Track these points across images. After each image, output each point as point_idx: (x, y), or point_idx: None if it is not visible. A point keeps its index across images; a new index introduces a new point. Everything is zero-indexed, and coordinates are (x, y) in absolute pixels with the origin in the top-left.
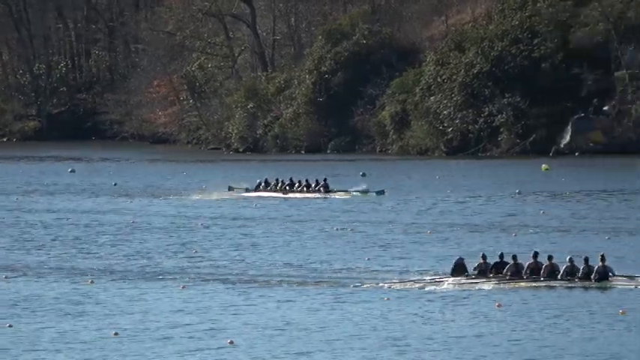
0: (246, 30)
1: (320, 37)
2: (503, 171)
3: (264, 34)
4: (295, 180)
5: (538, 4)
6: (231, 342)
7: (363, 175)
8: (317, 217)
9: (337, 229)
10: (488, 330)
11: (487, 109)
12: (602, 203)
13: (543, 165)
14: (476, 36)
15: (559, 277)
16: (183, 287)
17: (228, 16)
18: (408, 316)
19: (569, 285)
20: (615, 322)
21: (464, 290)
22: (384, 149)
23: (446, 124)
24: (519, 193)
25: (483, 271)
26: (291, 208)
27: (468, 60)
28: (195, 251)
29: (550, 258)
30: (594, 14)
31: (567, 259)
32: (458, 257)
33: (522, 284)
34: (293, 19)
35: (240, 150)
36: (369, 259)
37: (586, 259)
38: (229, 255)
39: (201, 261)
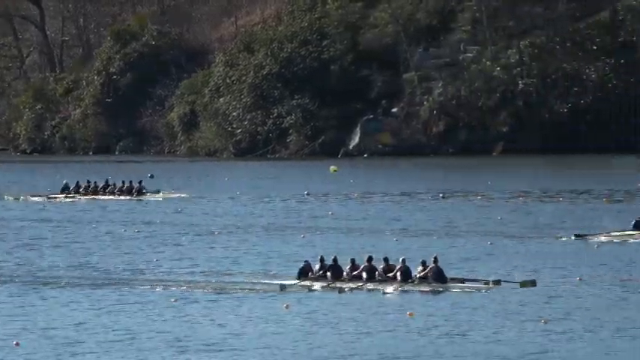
0: (34, 31)
1: (109, 37)
2: (292, 172)
3: (53, 35)
4: (111, 182)
5: (327, 6)
6: (17, 344)
7: (151, 176)
8: (115, 219)
9: (125, 230)
10: (272, 331)
11: (276, 110)
12: (390, 204)
13: (332, 166)
14: (265, 37)
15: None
16: None
17: (17, 17)
18: (190, 318)
19: (404, 288)
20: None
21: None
22: (172, 150)
23: (235, 126)
24: (308, 194)
25: (323, 272)
26: (95, 210)
27: (257, 61)
28: None
29: (386, 260)
30: (384, 16)
31: (401, 259)
32: (305, 261)
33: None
34: (82, 19)
35: (28, 151)
36: (157, 260)
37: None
38: (13, 257)
39: None
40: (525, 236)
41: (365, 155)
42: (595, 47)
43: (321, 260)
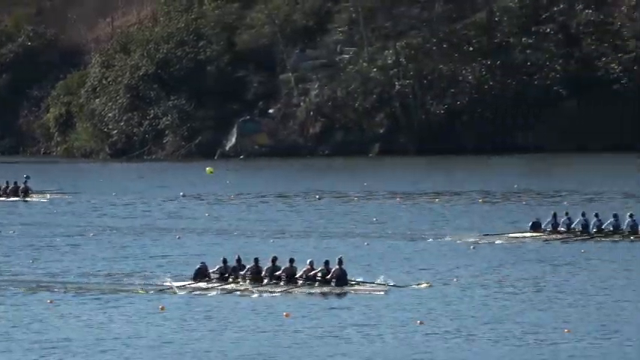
0: None
1: None
2: (168, 174)
3: None
4: None
5: (204, 7)
6: None
7: (27, 177)
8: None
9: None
10: (148, 332)
11: (152, 111)
12: (266, 205)
13: (208, 168)
14: (141, 38)
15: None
16: None
17: None
18: (64, 319)
19: (310, 291)
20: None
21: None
22: (48, 151)
23: (111, 127)
24: (184, 195)
25: (223, 273)
26: None
27: (133, 62)
28: None
29: (292, 261)
30: (260, 17)
31: (308, 261)
32: (201, 262)
33: (260, 288)
34: None
35: None
36: (32, 261)
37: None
38: None
39: None
40: (403, 237)
41: (241, 156)
42: (471, 48)
43: (224, 262)
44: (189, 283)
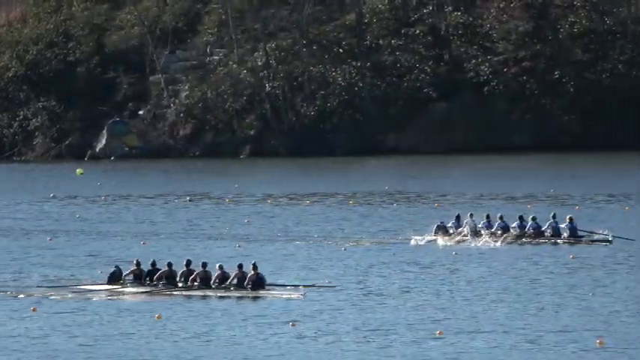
0: None
1: None
2: (38, 175)
3: None
4: None
5: (73, 8)
6: None
7: None
8: None
9: None
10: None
11: (22, 112)
12: (136, 207)
13: (78, 169)
14: (11, 39)
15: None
16: None
17: None
18: None
19: (223, 294)
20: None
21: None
22: None
23: None
24: (54, 197)
25: (138, 276)
26: None
27: (2, 64)
28: None
29: (204, 265)
30: (129, 18)
31: (217, 266)
32: (115, 266)
33: (175, 293)
34: None
35: None
36: None
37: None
38: None
39: None
40: (275, 239)
41: (112, 158)
42: (341, 50)
43: (137, 264)
44: (111, 285)
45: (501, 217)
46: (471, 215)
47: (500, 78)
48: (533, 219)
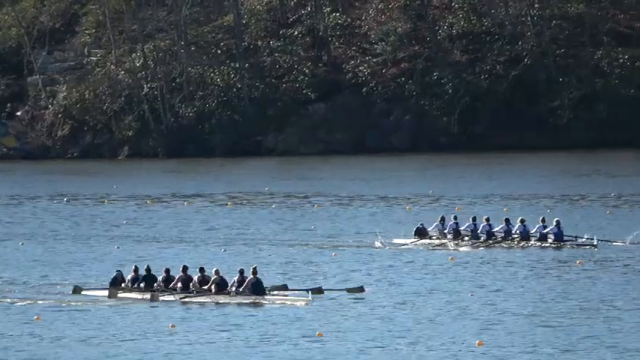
0: None
1: None
2: None
3: None
4: None
5: None
6: None
7: None
8: None
9: None
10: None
11: None
12: (13, 208)
13: None
14: None
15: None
16: None
17: None
18: None
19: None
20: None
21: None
22: None
23: None
24: None
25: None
26: None
27: None
28: None
29: (202, 270)
30: (7, 19)
31: (214, 271)
32: (117, 271)
33: (172, 297)
34: None
35: None
36: None
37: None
38: None
39: None
40: (153, 240)
41: None
42: (220, 51)
43: (135, 270)
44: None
45: (487, 220)
46: (455, 218)
47: (379, 79)
48: (522, 221)
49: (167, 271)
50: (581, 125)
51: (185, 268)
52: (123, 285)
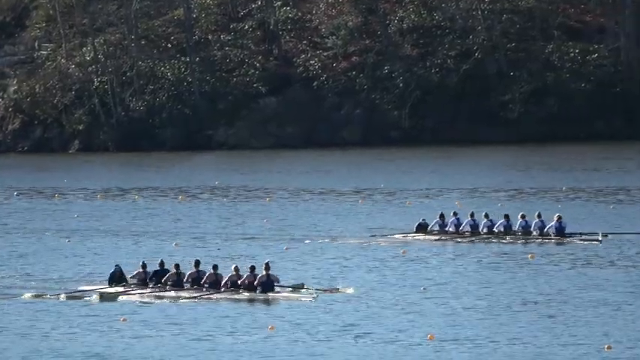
0: None
1: None
2: None
3: None
4: None
5: None
6: None
7: None
8: None
9: None
10: None
11: None
12: None
13: None
14: None
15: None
16: None
17: None
18: None
19: (232, 296)
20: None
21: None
22: None
23: None
24: None
25: (143, 279)
26: None
27: None
28: None
29: (215, 267)
30: None
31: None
32: (115, 266)
33: (183, 294)
34: None
35: None
36: None
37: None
38: None
39: None
40: (106, 234)
41: None
42: (170, 45)
43: (143, 266)
44: (112, 286)
45: (487, 215)
46: (455, 214)
47: (330, 73)
48: (522, 217)
49: (177, 266)
50: (532, 119)
51: (197, 263)
52: (125, 281)
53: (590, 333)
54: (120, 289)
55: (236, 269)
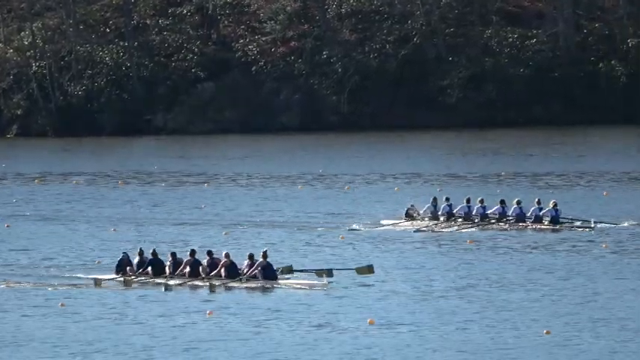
0: None
1: None
2: None
3: None
4: None
5: None
6: None
7: None
8: None
9: None
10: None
11: None
12: None
13: None
14: None
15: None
16: None
17: None
18: None
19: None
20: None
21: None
22: None
23: None
24: None
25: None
26: None
27: None
28: None
29: (210, 253)
30: None
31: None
32: (123, 253)
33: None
34: None
35: None
36: None
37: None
38: None
39: None
40: (45, 219)
41: None
42: (108, 29)
43: (140, 254)
44: (119, 275)
45: (482, 201)
46: (447, 199)
47: (269, 58)
48: (518, 203)
49: (173, 255)
50: (471, 104)
51: (193, 252)
52: (129, 268)
53: (531, 318)
54: (142, 277)
55: (227, 255)
